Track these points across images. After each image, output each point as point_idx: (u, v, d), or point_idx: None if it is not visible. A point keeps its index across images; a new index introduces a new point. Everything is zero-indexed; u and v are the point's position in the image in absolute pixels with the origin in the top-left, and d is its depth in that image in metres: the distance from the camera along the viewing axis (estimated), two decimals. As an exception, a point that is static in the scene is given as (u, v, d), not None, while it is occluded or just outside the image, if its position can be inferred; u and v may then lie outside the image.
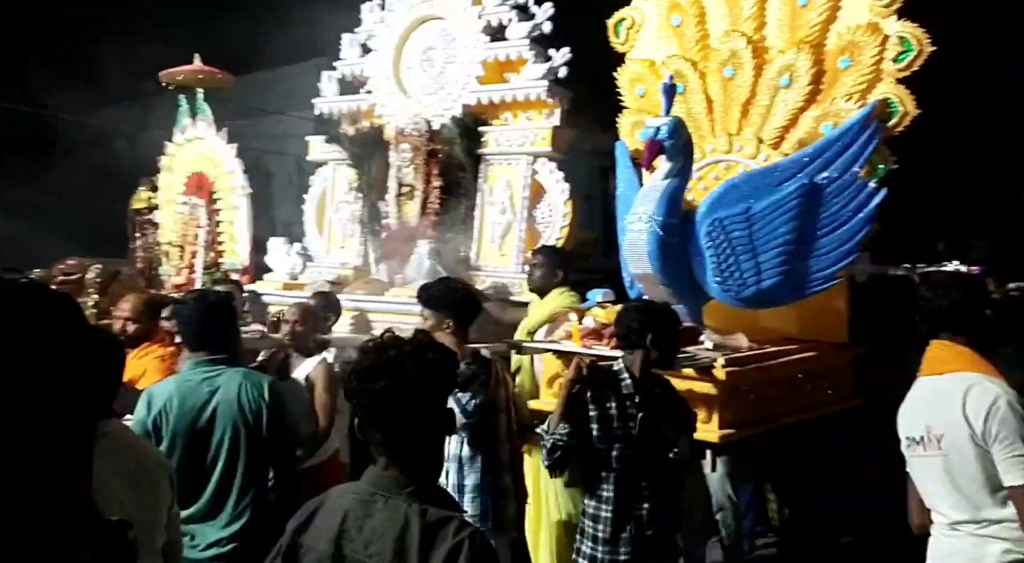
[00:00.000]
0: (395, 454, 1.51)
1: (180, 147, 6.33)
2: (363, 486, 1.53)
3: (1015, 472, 2.02)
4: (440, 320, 3.19)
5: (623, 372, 2.73)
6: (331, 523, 1.50)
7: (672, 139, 3.31)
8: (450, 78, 5.33)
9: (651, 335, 2.68)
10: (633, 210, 3.42)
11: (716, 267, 3.34)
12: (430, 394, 1.52)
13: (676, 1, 3.92)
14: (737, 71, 3.73)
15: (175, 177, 6.33)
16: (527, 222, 4.96)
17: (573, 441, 2.63)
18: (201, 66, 6.32)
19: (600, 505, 2.69)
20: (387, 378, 1.47)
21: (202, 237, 5.88)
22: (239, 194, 5.80)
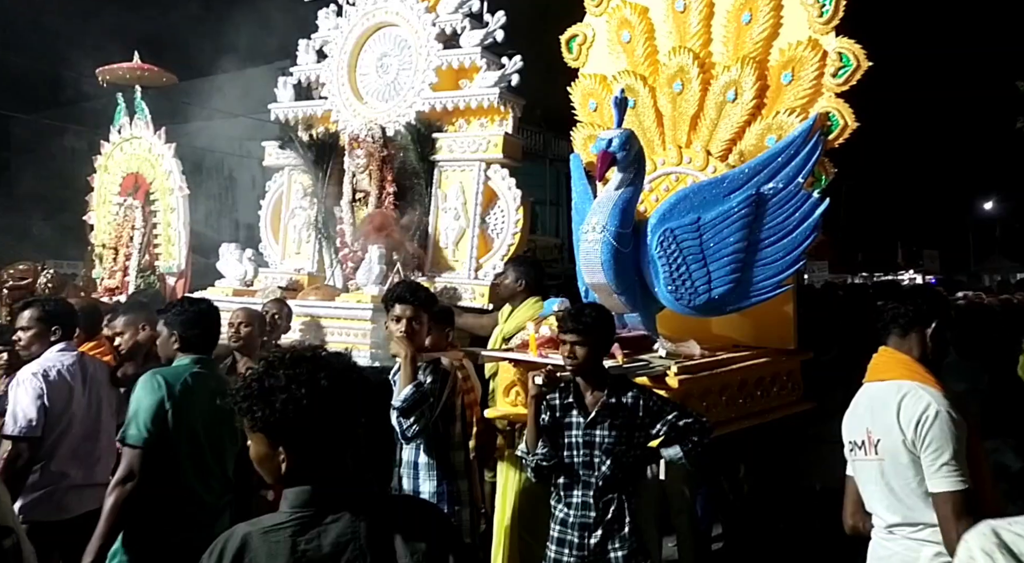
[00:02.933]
0: (321, 467, 1.42)
1: (116, 146, 6.15)
2: (293, 511, 1.41)
3: (938, 479, 2.09)
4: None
5: (572, 381, 2.79)
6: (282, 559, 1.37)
7: (624, 151, 3.38)
8: (404, 84, 5.33)
9: None
10: (587, 220, 3.48)
11: (668, 276, 3.43)
12: (339, 400, 1.43)
13: (625, 18, 4.01)
14: (685, 86, 3.83)
15: (111, 177, 6.15)
16: (480, 228, 5.00)
17: (555, 459, 2.69)
18: (140, 64, 6.15)
19: (557, 505, 2.80)
20: (288, 391, 1.40)
21: (137, 239, 5.71)
22: (177, 195, 5.66)
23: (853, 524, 2.45)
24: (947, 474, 2.09)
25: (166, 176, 5.66)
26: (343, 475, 1.46)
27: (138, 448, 2.69)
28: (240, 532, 1.41)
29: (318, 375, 1.42)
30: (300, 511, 1.40)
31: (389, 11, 5.39)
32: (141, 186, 5.74)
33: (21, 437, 3.24)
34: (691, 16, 3.80)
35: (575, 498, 2.74)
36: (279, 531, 1.39)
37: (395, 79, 5.42)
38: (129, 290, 5.52)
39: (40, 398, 3.32)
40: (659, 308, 3.58)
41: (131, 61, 6.02)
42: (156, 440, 2.71)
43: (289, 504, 1.42)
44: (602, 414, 2.76)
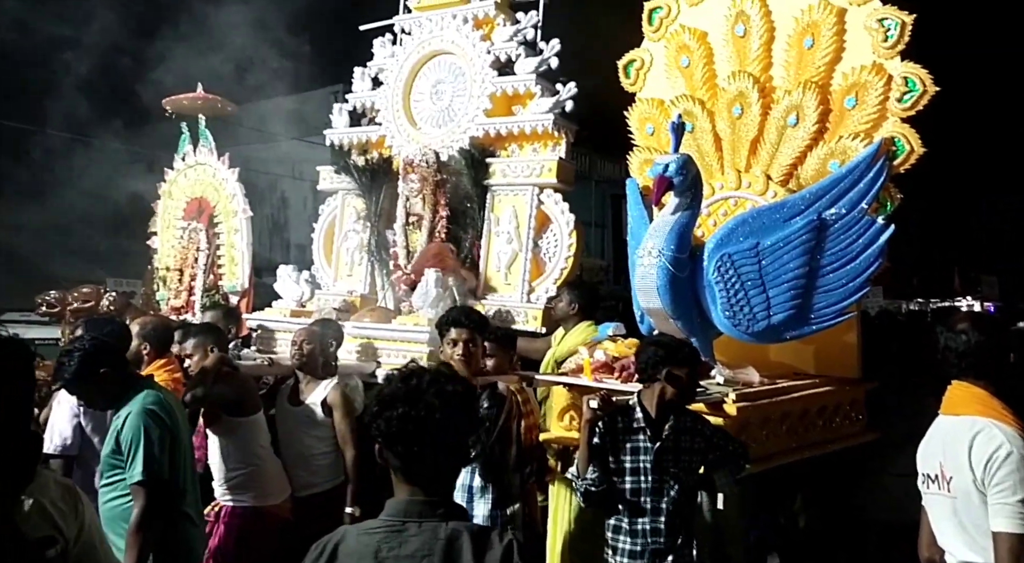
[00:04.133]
0: (418, 480, 1.53)
1: (180, 173, 6.38)
2: (387, 519, 1.54)
3: (1000, 518, 2.05)
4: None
5: (636, 407, 2.76)
6: (361, 561, 1.49)
7: (681, 175, 3.37)
8: (458, 111, 5.42)
9: (667, 370, 2.71)
10: (643, 245, 3.47)
11: (726, 302, 3.38)
12: (449, 423, 1.53)
13: (684, 43, 4.02)
14: (745, 110, 3.81)
15: (174, 203, 6.37)
16: (532, 252, 5.02)
17: (605, 484, 2.66)
18: (203, 94, 6.39)
19: (617, 537, 2.75)
20: (405, 406, 1.51)
21: (202, 260, 5.90)
22: (240, 217, 5.84)
23: (929, 556, 2.37)
24: (1011, 515, 2.04)
25: (230, 199, 5.85)
26: (439, 490, 1.56)
27: (162, 481, 2.79)
28: (344, 530, 1.58)
29: (437, 391, 1.53)
30: (391, 519, 1.51)
31: (445, 40, 5.50)
32: (205, 210, 5.94)
33: (56, 455, 3.32)
34: (751, 41, 3.79)
35: (642, 525, 2.71)
36: (372, 535, 1.51)
37: (449, 105, 5.50)
38: (195, 309, 5.71)
39: (76, 417, 3.38)
40: (716, 334, 3.53)
41: (195, 91, 6.26)
42: (171, 472, 2.83)
43: (385, 511, 1.54)
44: (672, 439, 2.72)
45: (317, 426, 4.01)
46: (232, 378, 3.85)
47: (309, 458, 3.98)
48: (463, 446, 1.62)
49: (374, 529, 1.53)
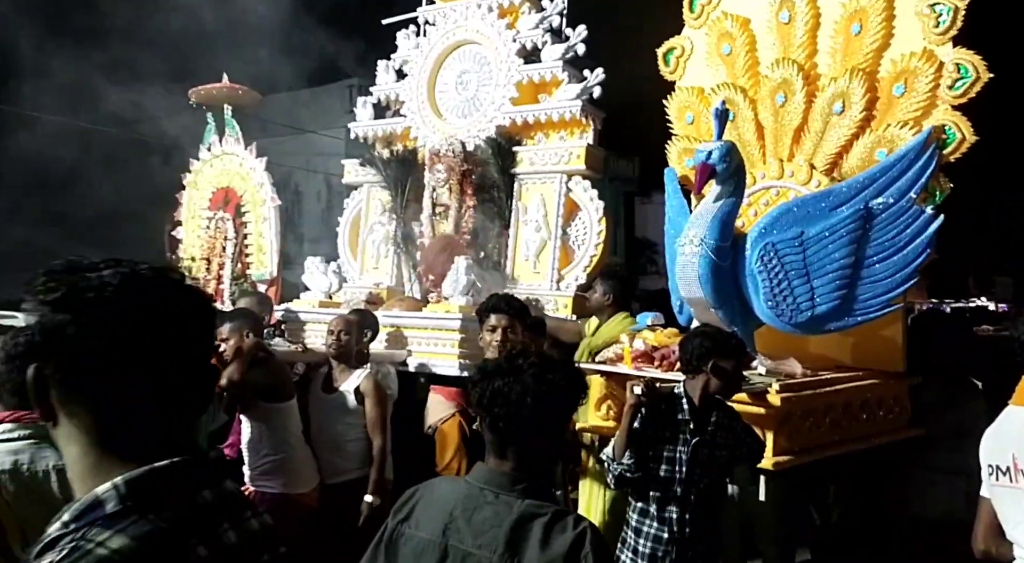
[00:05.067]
0: (508, 453, 1.57)
1: (206, 163, 6.36)
2: (471, 481, 1.59)
3: None
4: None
5: (683, 397, 2.71)
6: (437, 514, 1.56)
7: (724, 163, 3.31)
8: (484, 100, 5.37)
9: (712, 361, 2.66)
10: (684, 234, 3.41)
11: (769, 292, 3.32)
12: (547, 401, 1.56)
13: (726, 30, 3.95)
14: (788, 98, 3.74)
15: (199, 193, 6.35)
16: (561, 240, 4.97)
17: (639, 472, 2.62)
18: (229, 84, 6.36)
19: (644, 520, 2.71)
20: (507, 378, 1.55)
21: (229, 249, 5.88)
22: (268, 206, 5.82)
23: (985, 548, 2.30)
24: None
25: (258, 188, 5.82)
26: (526, 467, 1.57)
27: None
28: (438, 480, 1.69)
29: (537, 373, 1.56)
30: (473, 484, 1.57)
31: (470, 30, 5.44)
32: (232, 200, 5.92)
33: None
34: (796, 27, 3.72)
35: (669, 513, 2.66)
36: (455, 492, 1.58)
37: (474, 95, 5.45)
38: (224, 298, 5.68)
39: None
40: (758, 324, 3.47)
41: (220, 81, 6.22)
42: None
43: (471, 474, 1.61)
44: (712, 433, 2.68)
45: (350, 414, 4.00)
46: (268, 363, 3.83)
47: (341, 445, 3.98)
48: (556, 431, 1.63)
49: (456, 486, 1.61)
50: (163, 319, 0.91)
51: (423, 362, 4.58)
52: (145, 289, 0.91)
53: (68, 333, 0.88)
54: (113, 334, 0.88)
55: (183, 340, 0.94)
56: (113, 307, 0.88)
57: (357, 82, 17.69)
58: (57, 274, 0.91)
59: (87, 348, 0.88)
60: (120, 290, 0.89)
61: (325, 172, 17.23)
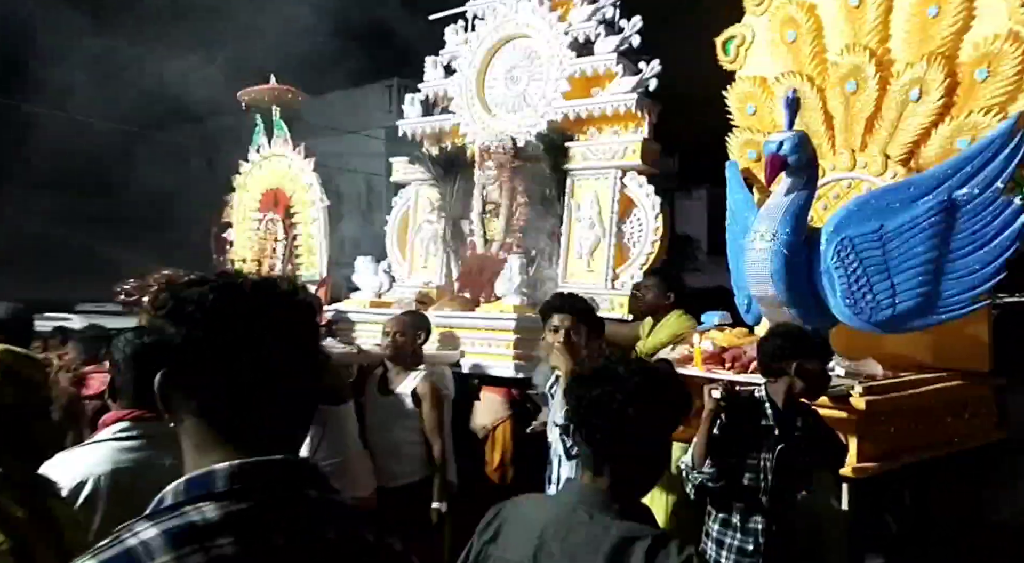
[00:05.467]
0: (605, 469, 1.46)
1: (255, 165, 6.38)
2: (563, 499, 1.49)
3: None
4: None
5: (764, 401, 2.59)
6: (526, 535, 1.45)
7: (796, 154, 3.17)
8: (534, 95, 5.27)
9: (796, 363, 2.53)
10: (754, 229, 3.27)
11: (847, 289, 3.17)
12: (651, 413, 1.45)
13: (791, 16, 3.79)
14: (860, 86, 3.57)
15: (249, 195, 6.38)
16: (616, 237, 4.85)
17: (722, 482, 2.50)
18: (276, 85, 6.37)
19: (726, 531, 2.59)
20: (605, 386, 1.45)
21: (279, 250, 5.90)
22: (317, 207, 5.81)
23: None
24: None
25: (307, 189, 5.82)
26: (623, 484, 1.47)
27: None
28: (522, 497, 1.60)
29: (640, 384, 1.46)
30: (565, 501, 1.48)
31: (520, 23, 5.35)
32: (281, 201, 5.93)
33: None
34: (867, 12, 3.55)
35: (754, 524, 2.54)
36: (544, 510, 1.49)
37: (525, 90, 5.36)
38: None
39: None
40: (833, 323, 3.32)
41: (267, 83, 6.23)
42: None
43: (562, 489, 1.57)
44: (797, 438, 2.55)
45: (406, 416, 3.96)
46: (324, 366, 3.80)
47: (398, 448, 3.93)
48: (659, 446, 1.51)
49: (546, 504, 1.52)
50: (258, 328, 0.98)
51: (477, 363, 4.52)
52: (241, 301, 0.99)
53: (175, 343, 0.97)
54: (212, 342, 0.97)
55: (281, 346, 1.00)
56: (211, 318, 0.97)
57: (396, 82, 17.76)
58: (169, 289, 1.02)
59: (191, 355, 0.97)
60: (217, 303, 0.97)
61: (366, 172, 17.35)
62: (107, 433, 1.90)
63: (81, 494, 1.73)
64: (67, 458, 1.85)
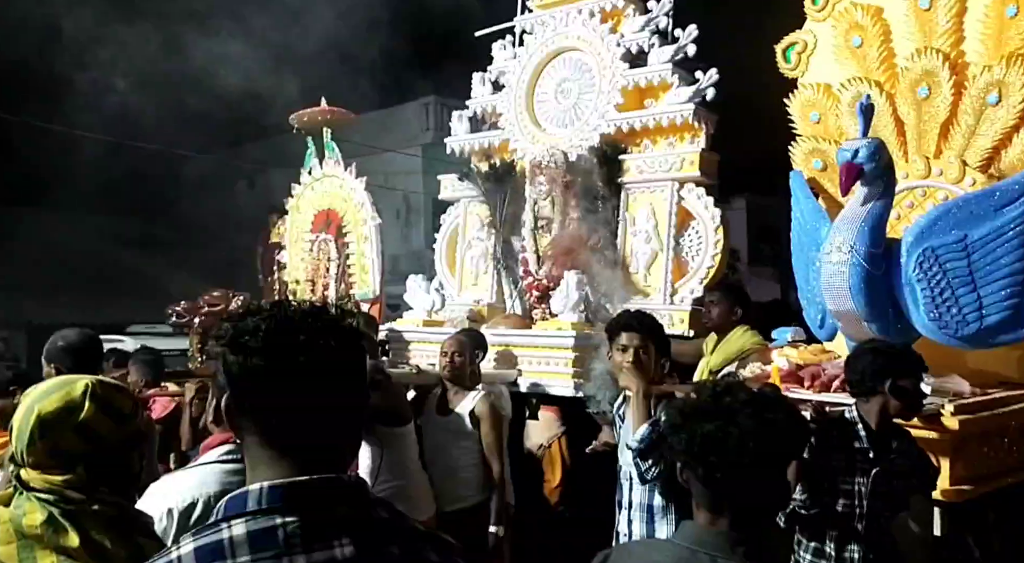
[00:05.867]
0: (725, 508, 1.37)
1: (307, 187, 6.43)
2: (679, 542, 1.40)
3: None
4: None
5: (857, 422, 2.47)
6: None
7: (872, 162, 3.06)
8: (586, 108, 5.22)
9: (891, 381, 2.41)
10: (829, 241, 3.16)
11: (931, 302, 3.04)
12: (770, 446, 1.36)
13: (856, 21, 3.68)
14: (933, 90, 3.44)
15: (302, 216, 6.44)
16: (674, 251, 4.76)
17: (816, 509, 2.38)
18: (327, 107, 6.43)
19: (819, 561, 2.45)
20: (718, 421, 1.36)
21: (333, 270, 5.92)
22: (370, 225, 5.83)
23: None
24: None
25: (359, 208, 5.86)
26: (745, 524, 1.38)
27: None
28: (627, 545, 1.66)
29: (755, 414, 1.37)
30: (681, 545, 1.40)
31: (570, 36, 5.31)
32: (333, 221, 5.96)
33: None
34: (939, 14, 3.43)
35: (850, 553, 2.42)
36: (655, 555, 1.42)
37: (575, 103, 5.31)
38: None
39: None
40: (913, 338, 3.18)
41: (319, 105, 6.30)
42: None
43: (677, 533, 1.45)
44: (892, 461, 2.42)
45: (465, 437, 3.91)
46: (385, 386, 3.77)
47: (457, 470, 3.88)
48: (780, 480, 1.42)
49: (661, 550, 1.44)
50: (308, 355, 1.05)
51: (535, 382, 4.45)
52: (293, 330, 1.06)
53: (234, 370, 1.06)
54: (267, 370, 1.05)
55: (330, 372, 1.07)
56: (266, 348, 1.05)
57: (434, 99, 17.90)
58: (228, 320, 1.12)
59: (249, 382, 1.06)
60: (271, 333, 1.05)
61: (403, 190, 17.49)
62: (212, 455, 1.93)
63: (192, 514, 1.75)
64: (176, 480, 1.89)
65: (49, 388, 1.50)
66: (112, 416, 1.52)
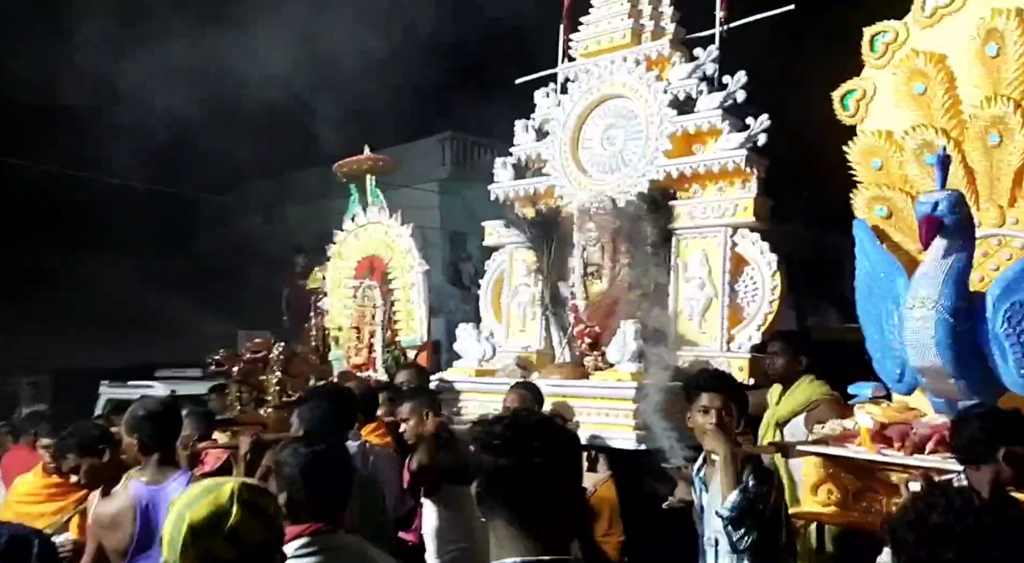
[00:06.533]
0: None
1: (350, 234, 6.45)
2: None
3: None
4: None
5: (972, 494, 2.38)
6: None
7: (953, 214, 3.03)
8: (633, 154, 5.22)
9: (1004, 448, 2.33)
10: (912, 294, 3.10)
11: (1020, 358, 2.96)
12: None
13: (918, 69, 3.66)
14: (1004, 137, 3.40)
15: (344, 263, 6.45)
16: (729, 297, 4.71)
17: None
18: (370, 155, 6.48)
19: None
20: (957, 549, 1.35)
21: (379, 317, 5.90)
22: (416, 272, 5.82)
23: None
24: None
25: (404, 254, 5.85)
26: None
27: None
28: None
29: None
30: None
31: (615, 84, 5.33)
32: (377, 268, 5.96)
33: None
34: (1008, 61, 3.40)
35: None
36: None
37: (622, 149, 5.31)
38: (377, 366, 5.68)
39: None
40: (1000, 394, 3.10)
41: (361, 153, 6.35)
42: None
43: None
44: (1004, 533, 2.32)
45: None
46: (451, 444, 3.73)
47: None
48: None
49: None
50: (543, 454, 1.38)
51: (594, 433, 4.37)
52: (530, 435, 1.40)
53: (486, 466, 1.41)
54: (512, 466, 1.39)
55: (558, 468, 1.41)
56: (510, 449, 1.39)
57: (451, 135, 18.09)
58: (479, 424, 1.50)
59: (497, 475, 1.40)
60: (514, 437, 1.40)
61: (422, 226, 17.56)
62: (288, 550, 1.90)
63: None
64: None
65: (197, 494, 1.48)
66: (259, 518, 1.51)
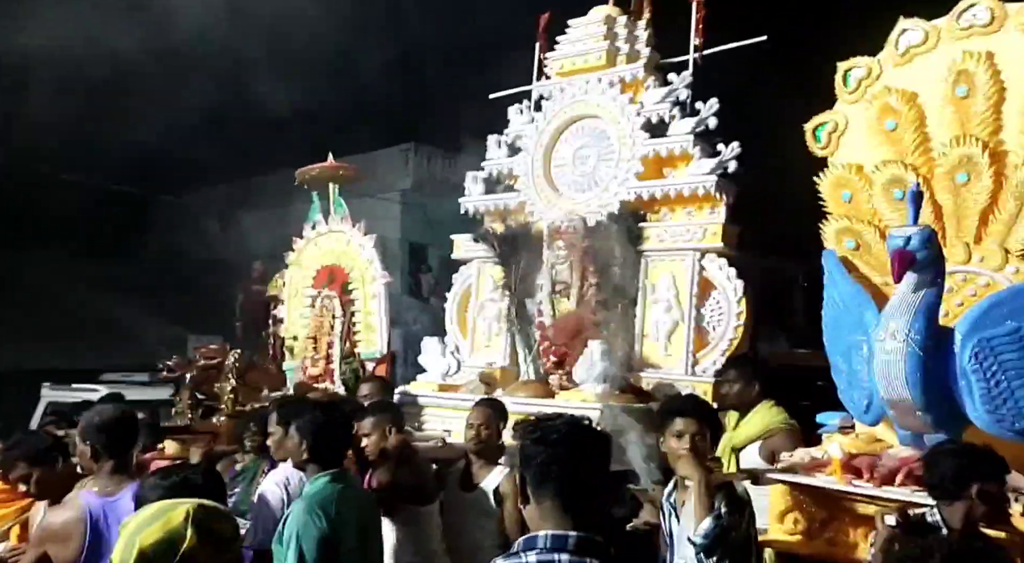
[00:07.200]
0: None
1: (310, 242, 6.28)
2: None
3: None
4: None
5: (940, 527, 2.38)
6: None
7: (925, 250, 3.06)
8: (605, 175, 5.22)
9: (977, 485, 2.34)
10: (883, 327, 3.12)
11: (986, 394, 3.00)
12: None
13: (889, 105, 3.73)
14: (972, 177, 3.48)
15: (303, 272, 6.27)
16: (695, 321, 4.71)
17: None
18: (333, 163, 6.34)
19: None
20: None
21: (337, 328, 5.75)
22: (378, 283, 5.70)
23: None
24: None
25: (367, 265, 5.71)
26: None
27: None
28: None
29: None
30: None
31: (589, 104, 5.33)
32: (338, 277, 5.80)
33: (256, 548, 3.12)
34: (976, 102, 3.49)
35: None
36: None
37: (594, 169, 5.31)
38: (335, 378, 5.51)
39: (281, 508, 3.21)
40: (964, 428, 3.14)
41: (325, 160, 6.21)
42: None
43: None
44: None
45: (487, 516, 3.75)
46: (412, 462, 3.61)
47: (476, 553, 3.69)
48: None
49: None
50: (586, 449, 1.78)
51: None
52: (577, 432, 1.79)
53: (540, 457, 1.75)
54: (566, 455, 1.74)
55: (596, 460, 1.79)
56: (562, 443, 1.75)
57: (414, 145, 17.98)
58: (530, 422, 1.86)
59: (552, 463, 1.74)
60: (565, 434, 1.77)
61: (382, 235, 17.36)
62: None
63: None
64: None
65: (150, 516, 1.36)
66: (214, 544, 1.39)
